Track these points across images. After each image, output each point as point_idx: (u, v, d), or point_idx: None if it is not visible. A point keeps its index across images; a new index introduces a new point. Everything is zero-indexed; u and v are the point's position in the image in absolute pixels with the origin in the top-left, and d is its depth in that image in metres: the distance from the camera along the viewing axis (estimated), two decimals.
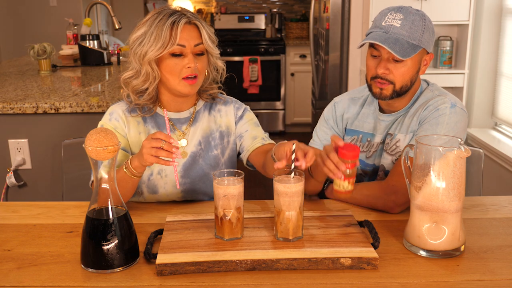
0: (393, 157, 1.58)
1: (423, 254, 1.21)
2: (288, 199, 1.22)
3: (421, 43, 1.46)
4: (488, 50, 3.24)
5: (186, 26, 1.45)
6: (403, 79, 1.49)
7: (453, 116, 1.49)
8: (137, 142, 1.55)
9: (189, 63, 1.45)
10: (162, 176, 1.56)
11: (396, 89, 1.50)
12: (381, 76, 1.49)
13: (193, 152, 1.58)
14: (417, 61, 1.49)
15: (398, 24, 1.45)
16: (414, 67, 1.49)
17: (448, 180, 1.17)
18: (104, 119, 1.57)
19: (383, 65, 1.48)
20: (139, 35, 1.47)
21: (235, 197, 1.23)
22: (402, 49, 1.43)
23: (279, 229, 1.24)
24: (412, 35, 1.45)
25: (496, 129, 3.30)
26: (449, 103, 1.51)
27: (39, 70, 3.17)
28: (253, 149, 1.59)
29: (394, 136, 1.57)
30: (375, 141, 1.63)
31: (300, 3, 6.08)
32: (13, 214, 1.48)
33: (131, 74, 1.52)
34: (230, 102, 1.66)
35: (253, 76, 5.31)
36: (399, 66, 1.47)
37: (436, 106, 1.51)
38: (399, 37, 1.45)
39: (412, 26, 1.45)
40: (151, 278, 1.12)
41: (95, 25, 5.56)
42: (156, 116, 1.58)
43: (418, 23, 1.46)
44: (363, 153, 1.66)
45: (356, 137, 1.67)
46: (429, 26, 1.49)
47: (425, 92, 1.58)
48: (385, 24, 1.47)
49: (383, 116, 1.61)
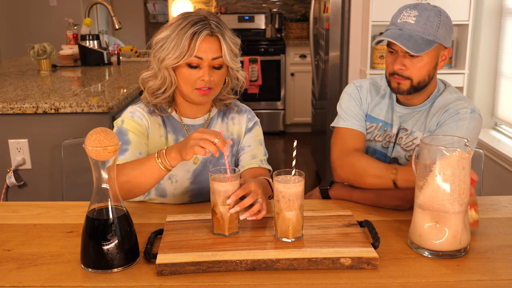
0: (407, 153, 1.60)
1: (426, 254, 1.21)
2: (288, 199, 1.22)
3: (437, 38, 1.47)
4: (488, 50, 3.25)
5: (207, 38, 1.43)
6: (420, 74, 1.50)
7: (473, 121, 1.52)
8: (157, 144, 1.55)
9: (203, 76, 1.44)
10: (172, 181, 1.56)
11: (414, 84, 1.52)
12: (397, 72, 1.51)
13: (204, 158, 1.58)
14: (434, 56, 1.50)
15: (412, 21, 1.47)
16: (431, 62, 1.50)
17: (449, 181, 1.17)
18: (125, 115, 1.54)
19: (400, 62, 1.50)
20: (161, 38, 1.46)
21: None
22: (415, 45, 1.44)
23: (279, 229, 1.24)
24: (427, 30, 1.46)
25: (496, 129, 3.30)
26: (469, 108, 1.53)
27: (39, 70, 3.17)
28: (248, 167, 1.59)
29: (412, 133, 1.59)
30: (392, 132, 1.64)
31: (300, 3, 6.08)
32: (13, 214, 1.48)
33: (150, 74, 1.52)
34: (244, 111, 1.65)
35: (253, 76, 5.31)
36: (415, 62, 1.49)
37: (456, 110, 1.52)
38: (413, 34, 1.46)
39: (426, 22, 1.46)
40: (151, 278, 1.12)
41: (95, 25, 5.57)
42: (172, 119, 1.57)
43: (433, 18, 1.47)
44: (380, 143, 1.67)
45: (375, 125, 1.67)
46: (446, 22, 1.49)
47: (444, 93, 1.60)
48: (400, 21, 1.49)
49: (399, 107, 1.63)
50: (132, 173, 1.36)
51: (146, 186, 1.38)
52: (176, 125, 1.57)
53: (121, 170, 1.37)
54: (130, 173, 1.37)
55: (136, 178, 1.36)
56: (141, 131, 1.52)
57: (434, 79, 1.58)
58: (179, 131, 1.57)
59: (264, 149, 1.65)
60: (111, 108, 2.26)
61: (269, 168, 1.62)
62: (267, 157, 1.65)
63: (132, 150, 1.47)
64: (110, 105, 2.26)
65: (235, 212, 1.27)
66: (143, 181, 1.36)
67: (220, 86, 1.52)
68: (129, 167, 1.38)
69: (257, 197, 1.30)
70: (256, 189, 1.30)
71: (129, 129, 1.50)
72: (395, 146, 1.63)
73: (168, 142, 1.56)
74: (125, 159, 1.45)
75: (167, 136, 1.56)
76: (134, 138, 1.49)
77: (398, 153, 1.62)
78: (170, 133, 1.56)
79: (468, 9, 3.10)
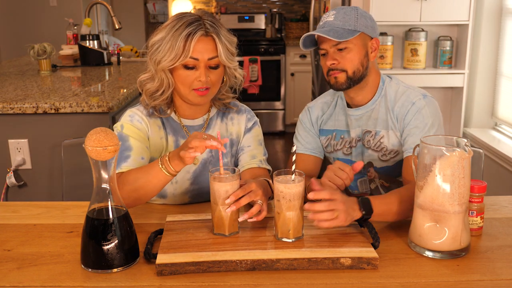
0: (379, 153, 1.63)
1: (426, 254, 1.21)
2: (288, 199, 1.22)
3: (357, 28, 1.53)
4: (488, 50, 3.25)
5: (202, 38, 1.42)
6: (352, 64, 1.55)
7: (431, 106, 1.57)
8: (158, 146, 1.55)
9: (200, 77, 1.44)
10: (172, 182, 1.55)
11: (349, 75, 1.56)
12: (331, 67, 1.56)
13: (204, 159, 1.58)
14: (361, 45, 1.55)
15: (331, 18, 1.55)
16: (360, 51, 1.55)
17: (449, 181, 1.17)
18: (124, 119, 1.53)
19: (330, 57, 1.56)
20: (156, 40, 1.45)
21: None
22: (337, 34, 1.51)
23: (280, 229, 1.24)
24: (346, 22, 1.53)
25: (496, 129, 3.30)
26: (421, 94, 1.58)
27: (39, 70, 3.17)
28: (248, 167, 1.59)
29: (377, 133, 1.62)
30: (351, 137, 1.67)
31: (300, 3, 6.08)
32: (13, 214, 1.48)
33: (147, 77, 1.51)
34: (243, 111, 1.65)
35: (253, 76, 5.31)
36: (344, 54, 1.54)
37: (410, 101, 1.57)
38: (333, 27, 1.53)
39: (344, 16, 1.54)
40: (151, 278, 1.12)
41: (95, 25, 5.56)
42: (171, 121, 1.57)
43: (350, 12, 1.55)
44: (339, 151, 1.70)
45: (331, 136, 1.72)
46: (364, 14, 1.57)
47: (391, 84, 1.64)
48: (321, 23, 1.58)
49: (351, 111, 1.66)
50: (138, 182, 1.36)
51: (153, 193, 1.39)
52: (176, 127, 1.57)
53: (126, 179, 1.37)
54: (136, 183, 1.36)
55: (143, 186, 1.36)
56: (142, 136, 1.51)
57: (373, 70, 1.61)
58: (178, 133, 1.57)
59: (264, 149, 1.65)
60: (111, 108, 2.26)
61: (269, 168, 1.62)
62: (267, 157, 1.65)
63: (134, 156, 1.47)
64: (110, 105, 2.26)
65: (236, 212, 1.27)
66: (150, 188, 1.36)
67: (217, 85, 1.51)
68: (133, 176, 1.37)
69: (257, 198, 1.30)
70: (257, 189, 1.30)
71: (130, 134, 1.49)
72: (365, 150, 1.65)
73: (168, 144, 1.55)
74: (128, 166, 1.44)
75: (167, 137, 1.56)
76: (135, 144, 1.48)
77: (371, 156, 1.64)
78: (170, 134, 1.56)
79: (468, 9, 3.10)
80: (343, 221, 1.24)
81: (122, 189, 1.34)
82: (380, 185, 1.69)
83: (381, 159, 1.63)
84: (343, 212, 1.23)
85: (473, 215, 1.31)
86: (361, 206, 1.28)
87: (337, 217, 1.23)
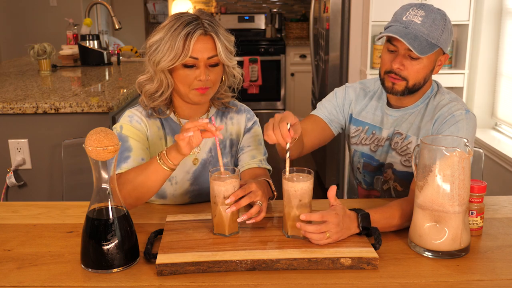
0: (402, 158, 1.59)
1: (426, 254, 1.21)
2: (299, 200, 1.23)
3: (439, 43, 1.46)
4: (488, 50, 3.24)
5: (201, 37, 1.42)
6: (417, 77, 1.49)
7: (470, 121, 1.50)
8: (157, 146, 1.54)
9: (200, 76, 1.43)
10: (172, 183, 1.55)
11: (409, 86, 1.50)
12: (395, 71, 1.49)
13: (203, 159, 1.58)
14: (433, 60, 1.49)
15: (419, 21, 1.44)
16: (429, 66, 1.49)
17: (449, 181, 1.17)
18: (123, 120, 1.53)
19: (399, 61, 1.47)
20: (155, 41, 1.45)
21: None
22: (420, 46, 1.43)
23: (290, 227, 1.25)
24: (432, 33, 1.44)
25: (496, 129, 3.30)
26: (464, 109, 1.52)
27: (39, 70, 3.17)
28: (248, 167, 1.59)
29: (407, 137, 1.58)
30: (382, 136, 1.63)
31: (300, 3, 6.08)
32: (13, 214, 1.48)
33: (146, 78, 1.51)
34: (243, 111, 1.65)
35: (253, 76, 5.31)
36: (414, 63, 1.47)
37: (451, 113, 1.51)
38: (418, 34, 1.44)
39: (432, 25, 1.44)
40: (151, 278, 1.12)
41: (95, 25, 5.56)
42: (171, 121, 1.57)
43: (439, 22, 1.45)
44: (367, 146, 1.67)
45: (362, 128, 1.68)
46: (449, 27, 1.48)
47: (438, 95, 1.58)
48: (406, 20, 1.46)
49: (390, 110, 1.62)
50: (137, 180, 1.36)
51: (154, 190, 1.38)
52: (175, 127, 1.57)
53: (126, 178, 1.38)
54: (135, 180, 1.36)
55: (142, 184, 1.36)
56: (141, 136, 1.51)
57: (428, 82, 1.57)
58: (178, 133, 1.56)
59: (264, 148, 1.65)
60: (111, 108, 2.26)
61: (269, 168, 1.62)
62: (267, 157, 1.65)
63: (134, 157, 1.46)
64: (110, 105, 2.26)
65: (236, 213, 1.27)
66: (150, 185, 1.36)
67: (217, 84, 1.51)
68: (132, 175, 1.38)
69: (256, 198, 1.30)
70: (257, 190, 1.30)
71: (129, 135, 1.49)
72: (389, 151, 1.61)
73: (168, 144, 1.55)
74: (128, 167, 1.44)
75: (166, 138, 1.56)
76: (135, 144, 1.48)
77: (393, 158, 1.61)
78: (169, 135, 1.56)
79: (468, 9, 3.10)
80: (335, 240, 1.22)
81: (123, 189, 1.34)
82: (393, 187, 1.66)
83: (403, 164, 1.60)
84: (335, 234, 1.21)
85: (473, 215, 1.31)
86: (360, 223, 1.25)
87: (329, 237, 1.21)
